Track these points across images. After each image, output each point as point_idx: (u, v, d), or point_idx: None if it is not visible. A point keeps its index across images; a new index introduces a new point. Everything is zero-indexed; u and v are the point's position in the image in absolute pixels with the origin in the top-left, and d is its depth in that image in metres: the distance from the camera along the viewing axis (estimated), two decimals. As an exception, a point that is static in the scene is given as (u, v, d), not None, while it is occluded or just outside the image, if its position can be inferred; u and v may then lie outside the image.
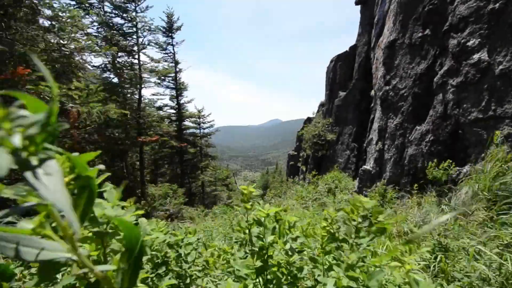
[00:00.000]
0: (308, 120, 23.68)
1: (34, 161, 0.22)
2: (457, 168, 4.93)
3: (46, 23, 5.60)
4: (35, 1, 5.11)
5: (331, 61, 17.55)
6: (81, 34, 9.93)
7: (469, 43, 4.87)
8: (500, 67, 4.28)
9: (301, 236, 1.41)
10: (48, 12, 5.28)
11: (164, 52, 17.39)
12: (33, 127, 0.22)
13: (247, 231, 1.33)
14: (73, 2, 9.29)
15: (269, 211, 1.29)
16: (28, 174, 0.21)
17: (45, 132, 0.23)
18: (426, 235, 2.85)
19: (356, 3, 15.01)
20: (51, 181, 0.21)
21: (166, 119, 18.00)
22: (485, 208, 3.08)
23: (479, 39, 4.72)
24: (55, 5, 5.12)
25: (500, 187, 3.11)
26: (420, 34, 6.41)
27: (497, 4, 4.40)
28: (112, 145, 9.48)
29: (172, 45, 17.45)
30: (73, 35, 6.12)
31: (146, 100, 13.62)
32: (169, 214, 10.76)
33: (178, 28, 17.33)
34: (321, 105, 21.20)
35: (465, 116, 4.85)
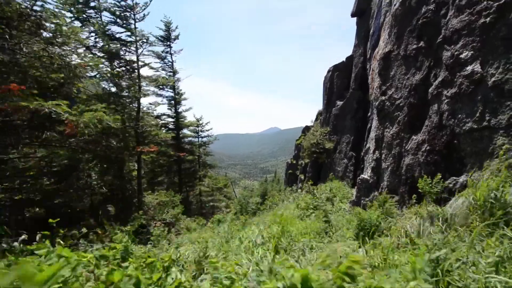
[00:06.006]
0: (307, 128, 23.83)
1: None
2: (454, 178, 4.95)
3: (49, 35, 5.70)
4: (42, 19, 5.22)
5: (328, 71, 17.81)
6: (83, 49, 10.09)
7: (462, 55, 4.97)
8: (493, 79, 4.36)
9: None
10: (51, 26, 5.38)
11: (162, 61, 17.44)
12: None
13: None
14: (70, 14, 9.47)
15: None
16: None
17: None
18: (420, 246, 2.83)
19: (352, 15, 15.34)
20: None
21: (164, 128, 17.99)
22: (481, 220, 3.08)
23: (471, 52, 4.82)
24: (57, 20, 5.22)
25: (496, 198, 3.12)
26: (414, 46, 6.55)
27: (488, 19, 4.52)
28: (110, 154, 9.45)
29: (171, 54, 17.47)
30: (76, 49, 6.25)
31: (144, 108, 13.64)
32: (166, 223, 10.66)
33: (176, 37, 17.23)
34: (319, 113, 21.37)
35: (460, 126, 4.90)
